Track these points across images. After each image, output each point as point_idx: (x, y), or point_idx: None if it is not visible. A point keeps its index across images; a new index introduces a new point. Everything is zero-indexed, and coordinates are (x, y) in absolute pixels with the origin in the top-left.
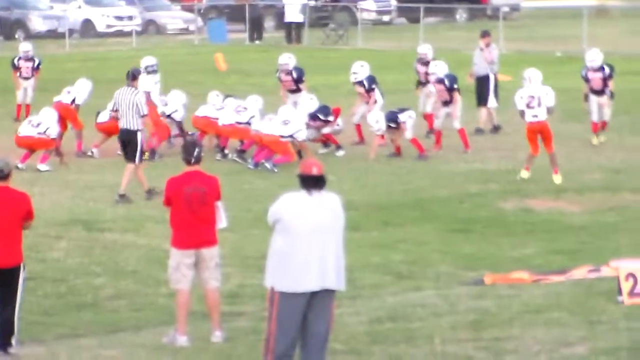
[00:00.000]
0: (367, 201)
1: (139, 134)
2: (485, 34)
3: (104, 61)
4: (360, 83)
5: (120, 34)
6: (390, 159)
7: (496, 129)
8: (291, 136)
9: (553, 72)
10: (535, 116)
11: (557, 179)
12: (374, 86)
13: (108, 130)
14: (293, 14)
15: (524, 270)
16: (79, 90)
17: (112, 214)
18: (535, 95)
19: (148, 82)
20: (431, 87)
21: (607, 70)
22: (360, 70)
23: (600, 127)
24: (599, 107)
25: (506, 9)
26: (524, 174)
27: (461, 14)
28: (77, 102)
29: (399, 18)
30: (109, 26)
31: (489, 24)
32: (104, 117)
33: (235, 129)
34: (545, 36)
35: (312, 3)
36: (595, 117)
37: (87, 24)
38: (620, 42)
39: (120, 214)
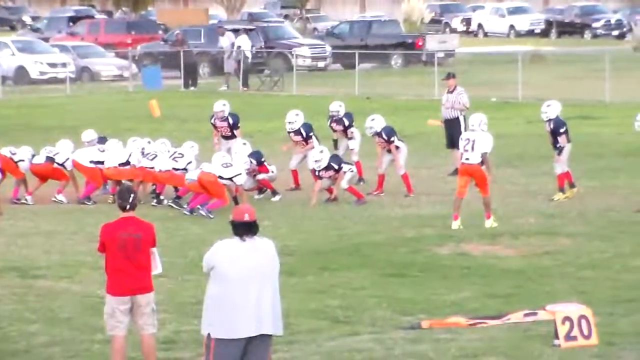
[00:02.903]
0: (303, 246)
1: None
2: (448, 76)
3: (38, 108)
4: (297, 132)
5: (54, 80)
6: (327, 205)
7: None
8: (230, 179)
9: (488, 118)
10: (467, 159)
11: (489, 223)
12: (311, 134)
13: (42, 173)
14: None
15: (460, 315)
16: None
17: (47, 260)
18: (470, 138)
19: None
20: (350, 143)
21: (551, 124)
22: (296, 119)
23: (563, 180)
24: (556, 160)
25: (441, 54)
26: (454, 224)
27: (396, 60)
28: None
29: (334, 64)
30: (42, 73)
31: (424, 69)
32: (39, 159)
33: (172, 175)
34: (481, 82)
35: None
36: (557, 171)
37: (21, 70)
38: (554, 87)
39: (54, 261)
